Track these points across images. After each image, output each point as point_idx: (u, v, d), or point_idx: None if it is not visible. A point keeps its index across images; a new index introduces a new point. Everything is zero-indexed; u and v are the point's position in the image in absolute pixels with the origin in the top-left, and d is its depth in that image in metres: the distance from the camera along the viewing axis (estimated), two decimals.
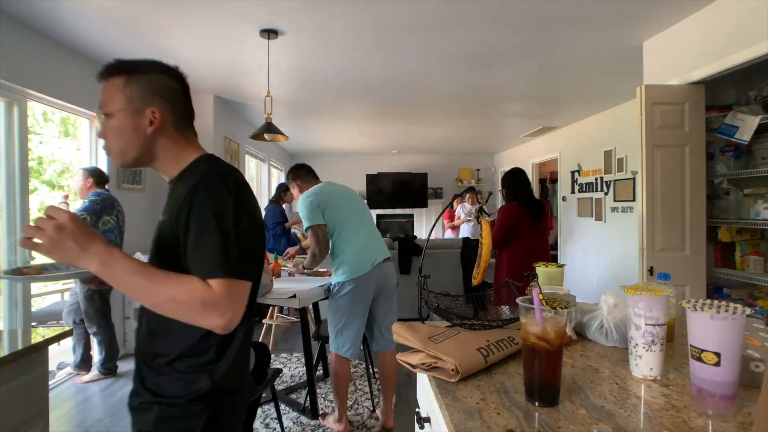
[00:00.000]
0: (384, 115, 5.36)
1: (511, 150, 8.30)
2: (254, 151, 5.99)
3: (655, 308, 0.86)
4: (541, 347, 0.77)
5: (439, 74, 3.74)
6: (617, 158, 4.93)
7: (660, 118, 2.64)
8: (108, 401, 2.91)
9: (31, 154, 2.94)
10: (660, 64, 2.92)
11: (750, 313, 0.74)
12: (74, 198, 3.42)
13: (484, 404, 0.78)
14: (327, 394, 2.98)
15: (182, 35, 2.91)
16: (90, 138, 3.56)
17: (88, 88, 3.37)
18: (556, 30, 2.84)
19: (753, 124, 2.47)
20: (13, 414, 1.33)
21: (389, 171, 8.86)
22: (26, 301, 2.77)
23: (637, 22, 2.74)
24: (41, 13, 2.60)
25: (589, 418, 0.73)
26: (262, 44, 3.01)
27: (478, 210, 1.45)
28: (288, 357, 3.76)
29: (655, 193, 2.65)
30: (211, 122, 4.35)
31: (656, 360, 0.88)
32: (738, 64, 2.31)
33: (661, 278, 1.11)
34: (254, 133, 3.11)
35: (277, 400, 2.45)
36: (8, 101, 2.69)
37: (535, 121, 5.79)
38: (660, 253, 2.65)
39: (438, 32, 2.86)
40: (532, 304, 0.80)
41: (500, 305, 1.26)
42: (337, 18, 2.66)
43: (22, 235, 0.89)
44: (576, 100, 4.70)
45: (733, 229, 2.76)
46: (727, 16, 2.38)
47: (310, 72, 3.68)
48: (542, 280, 1.30)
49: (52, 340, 1.49)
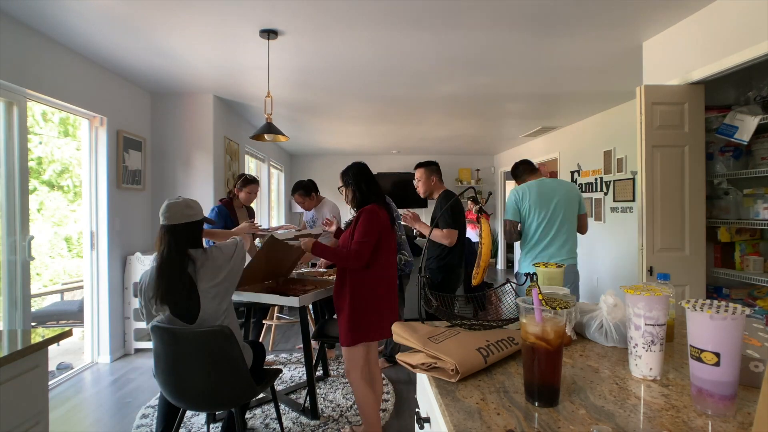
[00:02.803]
0: (384, 115, 5.36)
1: (510, 150, 8.30)
2: (254, 151, 5.99)
3: (654, 308, 0.87)
4: (540, 347, 0.78)
5: (439, 74, 3.74)
6: (617, 158, 4.94)
7: (660, 118, 2.64)
8: (108, 401, 2.91)
9: (31, 155, 2.94)
10: (660, 65, 2.92)
11: (749, 313, 0.74)
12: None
13: (484, 404, 0.78)
14: (327, 395, 2.98)
15: (182, 35, 2.91)
16: (90, 138, 3.56)
17: (88, 88, 3.38)
18: (556, 30, 2.84)
19: (752, 124, 2.47)
20: (13, 414, 1.33)
21: (389, 171, 8.86)
22: (26, 301, 2.77)
23: (637, 22, 2.74)
24: (41, 13, 2.60)
25: (589, 418, 0.73)
26: (262, 44, 3.01)
27: (478, 210, 1.45)
28: (288, 357, 3.76)
29: (654, 193, 2.65)
30: (211, 122, 4.35)
31: (656, 360, 0.88)
32: (738, 64, 2.31)
33: (660, 278, 1.11)
34: (255, 134, 3.11)
35: (277, 400, 2.45)
36: (8, 101, 2.69)
37: (535, 121, 5.79)
38: (660, 253, 2.66)
39: (438, 32, 2.86)
40: (531, 304, 0.80)
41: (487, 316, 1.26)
42: (337, 18, 2.66)
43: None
44: (576, 100, 4.70)
45: (732, 229, 2.76)
46: (727, 16, 2.39)
47: (310, 72, 3.68)
48: (542, 280, 1.30)
49: (52, 340, 1.49)
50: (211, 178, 4.35)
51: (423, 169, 3.05)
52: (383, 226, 2.17)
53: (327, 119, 5.55)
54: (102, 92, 3.55)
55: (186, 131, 4.35)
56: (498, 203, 9.00)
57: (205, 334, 1.73)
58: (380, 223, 2.15)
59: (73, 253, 4.58)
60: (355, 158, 9.47)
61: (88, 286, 3.60)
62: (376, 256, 2.15)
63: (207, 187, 4.35)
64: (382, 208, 2.21)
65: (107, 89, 3.62)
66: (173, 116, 4.35)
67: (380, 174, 8.77)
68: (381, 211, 2.19)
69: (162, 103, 4.34)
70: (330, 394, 2.97)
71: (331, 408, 2.78)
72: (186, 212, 1.85)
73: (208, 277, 1.82)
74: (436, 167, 3.06)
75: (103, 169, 3.59)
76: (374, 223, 2.12)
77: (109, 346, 3.64)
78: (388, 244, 2.22)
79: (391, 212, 2.28)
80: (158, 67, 3.56)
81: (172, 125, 4.35)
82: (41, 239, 4.15)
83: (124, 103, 3.88)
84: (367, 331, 2.14)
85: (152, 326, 1.77)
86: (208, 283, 1.81)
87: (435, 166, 3.06)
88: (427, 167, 3.05)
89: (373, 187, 2.25)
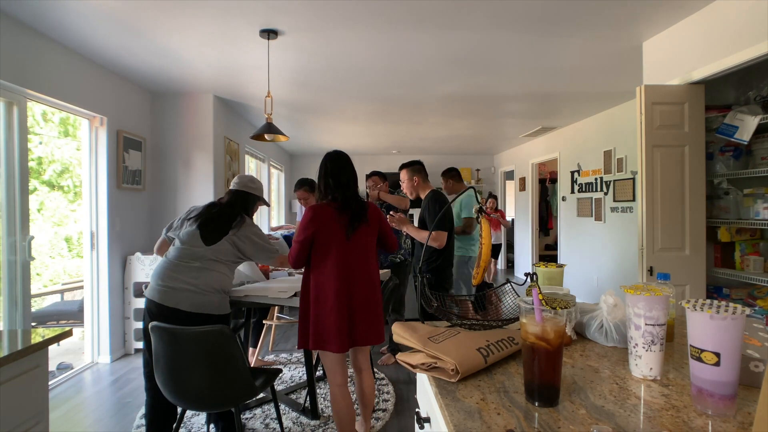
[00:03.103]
0: (384, 115, 5.36)
1: (510, 150, 8.30)
2: (254, 151, 5.99)
3: (654, 308, 0.86)
4: (540, 347, 0.78)
5: (439, 74, 3.74)
6: (617, 158, 4.94)
7: (660, 118, 2.64)
8: (108, 401, 2.91)
9: (31, 155, 2.94)
10: (660, 64, 2.92)
11: (750, 313, 0.74)
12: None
13: (484, 404, 0.78)
14: (327, 395, 2.98)
15: (182, 35, 2.91)
16: (90, 138, 3.56)
17: (88, 88, 3.38)
18: (556, 30, 2.84)
19: (752, 124, 2.47)
20: (13, 414, 1.33)
21: (389, 171, 8.86)
22: (26, 301, 2.77)
23: (637, 22, 2.74)
24: (41, 13, 2.60)
25: (589, 418, 0.73)
26: (262, 44, 3.01)
27: (477, 210, 1.45)
28: (288, 357, 3.76)
29: (654, 193, 2.65)
30: (211, 122, 4.35)
31: (656, 360, 0.88)
32: (738, 64, 2.31)
33: (660, 278, 1.11)
34: (255, 134, 3.11)
35: (277, 400, 2.45)
36: (8, 101, 2.69)
37: (535, 121, 5.79)
38: (660, 253, 2.66)
39: (438, 32, 2.86)
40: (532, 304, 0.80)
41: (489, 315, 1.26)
42: (337, 18, 2.66)
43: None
44: (576, 100, 4.70)
45: (732, 229, 2.76)
46: (727, 16, 2.39)
47: (310, 72, 3.68)
48: (542, 280, 1.31)
49: (52, 340, 1.49)
50: (211, 178, 4.35)
51: (404, 171, 3.05)
52: (321, 224, 1.95)
53: (327, 119, 5.55)
54: (102, 92, 3.55)
55: (186, 131, 4.35)
56: (498, 203, 9.00)
57: (205, 333, 1.73)
58: (316, 221, 1.95)
59: (73, 253, 4.58)
60: (355, 158, 9.43)
61: (88, 286, 3.60)
62: (312, 258, 1.98)
63: (207, 187, 4.35)
64: (332, 205, 1.99)
65: (107, 89, 3.62)
66: (173, 116, 4.35)
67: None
68: (325, 209, 1.98)
69: (162, 103, 4.34)
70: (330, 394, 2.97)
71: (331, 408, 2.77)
72: (249, 185, 2.27)
73: (242, 234, 2.11)
74: (418, 167, 3.03)
75: (103, 169, 3.59)
76: (306, 222, 1.96)
77: (109, 346, 3.65)
78: (334, 248, 1.96)
79: (354, 210, 2.01)
80: (158, 67, 3.56)
81: (172, 125, 4.35)
82: (41, 239, 4.15)
83: (124, 103, 3.88)
84: (306, 339, 1.98)
85: (152, 326, 1.77)
86: (240, 238, 2.11)
87: (418, 165, 3.04)
88: (409, 168, 3.03)
89: (332, 182, 2.02)
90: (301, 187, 3.79)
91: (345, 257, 1.97)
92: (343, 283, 1.95)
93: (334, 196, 2.01)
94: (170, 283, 1.99)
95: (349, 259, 1.97)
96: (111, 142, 3.66)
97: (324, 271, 1.96)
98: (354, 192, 2.06)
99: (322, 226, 1.95)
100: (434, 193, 2.98)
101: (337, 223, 1.97)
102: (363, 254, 2.02)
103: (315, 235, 1.96)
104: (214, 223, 2.10)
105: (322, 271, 1.96)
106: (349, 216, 1.98)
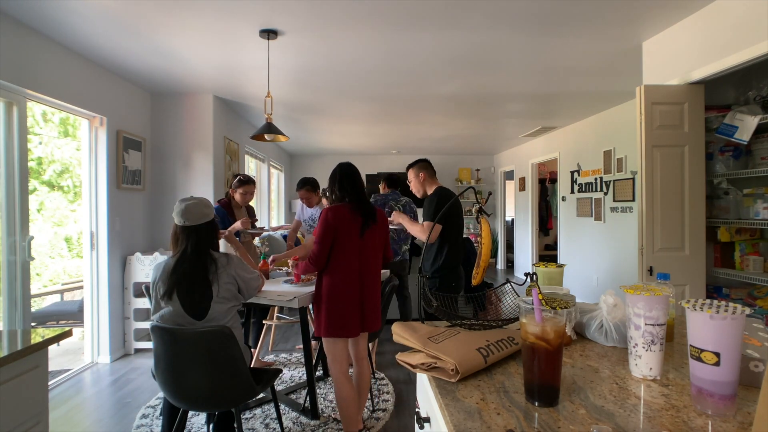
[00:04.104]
0: (384, 115, 5.36)
1: (510, 150, 8.30)
2: (254, 151, 5.99)
3: (654, 308, 0.86)
4: (540, 347, 0.78)
5: (439, 74, 3.74)
6: (617, 158, 4.94)
7: (659, 118, 2.65)
8: (108, 401, 2.91)
9: (31, 155, 2.94)
10: (660, 64, 2.92)
11: (749, 313, 0.74)
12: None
13: (484, 404, 0.78)
14: (327, 394, 2.98)
15: (182, 35, 2.91)
16: (89, 138, 3.56)
17: (87, 88, 3.38)
18: (556, 30, 2.84)
19: (752, 124, 2.47)
20: (13, 414, 1.33)
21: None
22: (26, 301, 2.77)
23: (637, 22, 2.74)
24: (41, 13, 2.60)
25: (589, 418, 0.73)
26: (262, 44, 3.01)
27: (477, 210, 1.45)
28: (288, 357, 3.76)
29: (654, 193, 2.65)
30: (211, 122, 4.35)
31: (656, 360, 0.88)
32: (738, 64, 2.31)
33: (660, 278, 1.11)
34: (255, 134, 3.11)
35: (277, 400, 2.45)
36: (8, 101, 2.68)
37: (535, 121, 5.79)
38: (659, 253, 2.66)
39: (438, 32, 2.86)
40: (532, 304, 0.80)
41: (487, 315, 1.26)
42: (337, 18, 2.66)
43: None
44: (576, 100, 4.70)
45: (732, 229, 2.76)
46: (727, 16, 2.39)
47: (310, 72, 3.68)
48: (542, 280, 1.31)
49: (51, 340, 1.49)
50: (211, 178, 4.35)
51: (411, 170, 3.00)
52: (341, 223, 2.16)
53: (327, 119, 5.55)
54: (102, 92, 3.55)
55: (186, 131, 4.35)
56: (498, 203, 9.00)
57: (205, 334, 1.73)
58: (336, 221, 2.15)
59: (73, 253, 4.58)
60: (355, 158, 9.47)
61: (88, 287, 3.60)
62: (332, 253, 2.18)
63: (207, 187, 4.35)
64: (347, 206, 2.21)
65: (107, 89, 3.62)
66: (173, 116, 4.35)
67: (380, 174, 8.77)
68: (341, 210, 2.18)
69: (162, 103, 4.34)
70: (330, 394, 2.97)
71: (331, 408, 2.77)
72: (206, 212, 1.89)
73: (224, 281, 1.86)
74: (424, 164, 3.00)
75: (103, 169, 3.59)
76: (328, 224, 2.15)
77: (109, 346, 3.64)
78: (351, 244, 2.18)
79: (367, 212, 2.24)
80: (158, 67, 3.56)
81: (172, 125, 4.35)
82: (41, 239, 4.15)
83: (124, 103, 3.88)
84: (326, 327, 2.18)
85: (152, 326, 1.77)
86: (223, 286, 1.86)
87: (423, 162, 3.01)
88: (414, 166, 3.00)
89: (348, 186, 2.26)
90: (304, 186, 3.81)
91: (360, 252, 2.20)
92: (358, 276, 2.19)
93: (350, 197, 2.24)
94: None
95: (363, 254, 2.21)
96: (111, 142, 3.66)
97: (343, 264, 2.17)
98: (365, 195, 2.31)
99: (341, 225, 2.16)
100: (438, 189, 2.94)
101: (352, 222, 2.18)
102: (373, 250, 2.26)
103: (336, 234, 2.16)
104: (192, 291, 1.80)
105: (342, 264, 2.17)
106: (361, 215, 2.21)
